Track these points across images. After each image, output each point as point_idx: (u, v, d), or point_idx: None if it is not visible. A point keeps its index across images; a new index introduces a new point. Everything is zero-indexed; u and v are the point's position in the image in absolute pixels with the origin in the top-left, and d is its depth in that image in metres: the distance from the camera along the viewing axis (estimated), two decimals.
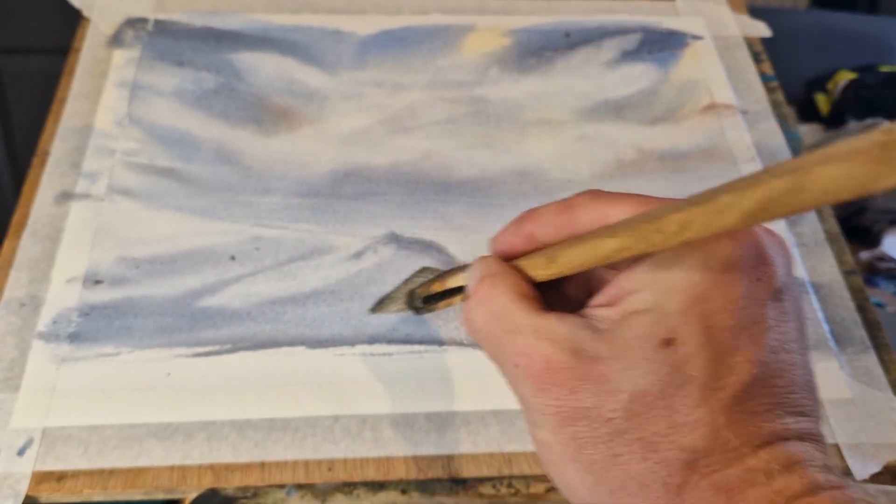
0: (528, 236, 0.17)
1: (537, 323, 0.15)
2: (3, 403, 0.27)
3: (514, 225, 0.17)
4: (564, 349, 0.14)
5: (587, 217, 0.16)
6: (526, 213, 0.17)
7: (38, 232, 0.31)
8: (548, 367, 0.14)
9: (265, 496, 0.26)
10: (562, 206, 0.16)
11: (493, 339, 0.15)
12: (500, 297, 0.15)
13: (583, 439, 0.14)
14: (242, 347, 0.28)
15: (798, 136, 0.38)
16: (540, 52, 0.40)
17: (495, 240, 0.18)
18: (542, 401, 0.14)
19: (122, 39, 0.38)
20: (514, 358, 0.15)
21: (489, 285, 0.16)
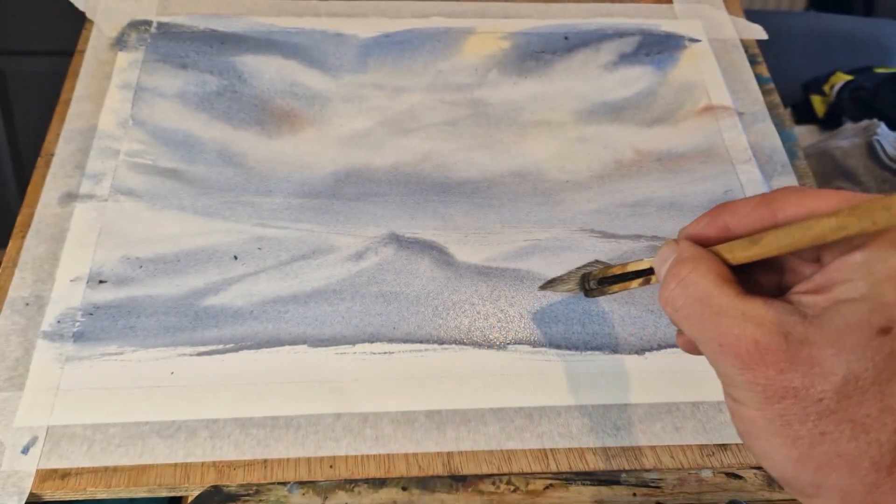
0: (722, 227, 0.17)
1: (743, 306, 0.15)
2: (8, 402, 0.27)
3: (709, 216, 0.18)
4: (773, 332, 0.15)
5: (791, 211, 0.16)
6: (721, 206, 0.18)
7: (43, 232, 0.32)
8: (756, 348, 0.15)
9: (267, 493, 0.26)
10: (762, 199, 0.17)
11: (696, 319, 0.16)
12: (702, 280, 0.16)
13: (790, 416, 0.15)
14: (245, 346, 0.29)
15: (794, 137, 0.38)
16: (539, 55, 0.40)
17: (686, 229, 0.18)
18: (749, 379, 0.15)
19: (125, 42, 0.39)
20: (719, 338, 0.16)
21: (690, 268, 0.16)
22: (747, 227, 0.17)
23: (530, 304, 0.31)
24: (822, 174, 0.56)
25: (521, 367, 0.29)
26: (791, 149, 0.37)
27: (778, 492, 0.27)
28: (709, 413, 0.28)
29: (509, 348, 0.29)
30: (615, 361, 0.29)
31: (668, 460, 0.27)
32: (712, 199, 0.35)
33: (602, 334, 0.30)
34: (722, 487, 0.27)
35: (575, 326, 0.30)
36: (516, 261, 0.32)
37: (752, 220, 0.17)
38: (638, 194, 0.35)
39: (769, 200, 0.16)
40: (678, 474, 0.27)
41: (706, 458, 0.27)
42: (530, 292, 0.31)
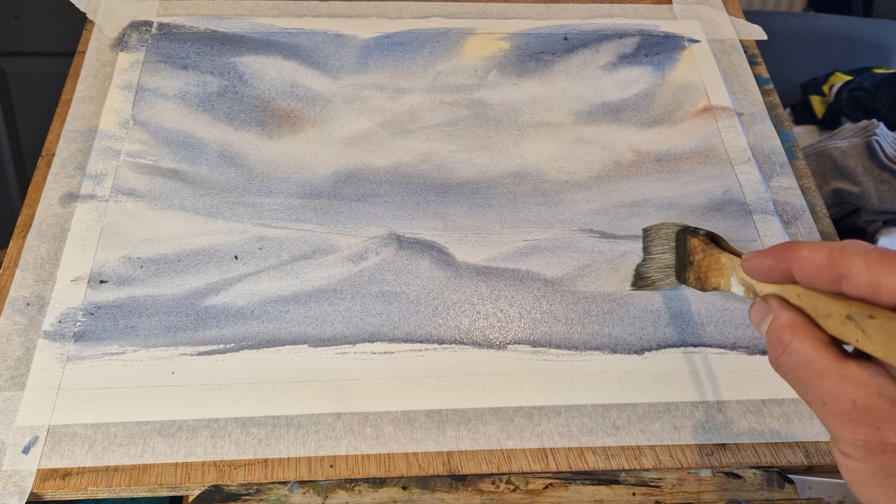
0: (785, 274, 0.19)
1: (840, 368, 0.17)
2: (9, 402, 0.27)
3: (773, 257, 0.19)
4: (868, 393, 0.16)
5: (858, 282, 0.17)
6: (788, 250, 0.19)
7: (44, 232, 0.32)
8: (854, 407, 0.17)
9: (268, 493, 0.26)
10: (829, 261, 0.17)
11: (802, 382, 0.18)
12: (802, 346, 0.18)
13: (890, 468, 0.16)
14: (246, 346, 0.29)
15: (793, 137, 0.38)
16: (538, 56, 0.40)
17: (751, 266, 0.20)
18: (851, 435, 0.17)
19: (126, 43, 0.39)
20: (822, 398, 0.17)
21: (790, 335, 0.18)
22: (812, 284, 0.18)
23: (530, 304, 0.31)
24: (820, 174, 0.56)
25: (521, 366, 0.29)
26: (790, 149, 0.37)
27: (777, 492, 0.27)
28: (708, 413, 0.28)
29: (509, 348, 0.29)
30: (615, 361, 0.29)
31: (668, 460, 0.27)
32: (711, 200, 0.35)
33: (602, 334, 0.30)
34: (721, 487, 0.27)
35: (575, 326, 0.30)
36: (516, 261, 0.32)
37: (818, 279, 0.18)
38: (637, 195, 0.35)
39: (835, 264, 0.17)
40: (677, 474, 0.27)
41: (705, 458, 0.27)
42: (530, 292, 0.31)
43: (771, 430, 0.28)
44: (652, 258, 0.28)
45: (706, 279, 0.24)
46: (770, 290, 0.20)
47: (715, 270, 0.24)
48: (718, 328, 0.30)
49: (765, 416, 0.28)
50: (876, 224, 0.56)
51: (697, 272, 0.25)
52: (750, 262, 0.20)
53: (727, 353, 0.30)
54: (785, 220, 0.34)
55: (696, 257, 0.25)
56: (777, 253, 0.19)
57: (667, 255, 0.27)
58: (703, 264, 0.24)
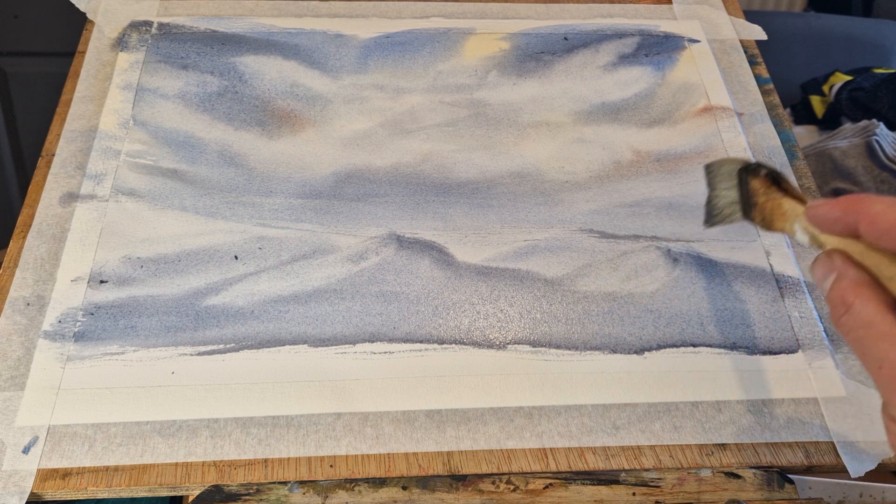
0: (851, 228, 0.18)
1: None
2: (9, 402, 0.27)
3: (842, 208, 0.18)
4: None
5: None
6: (859, 202, 0.18)
7: (44, 232, 0.32)
8: None
9: (268, 493, 0.26)
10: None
11: (860, 343, 0.18)
12: (865, 308, 0.17)
13: None
14: (246, 346, 0.29)
15: (793, 137, 0.38)
16: (538, 56, 0.40)
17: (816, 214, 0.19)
18: None
19: (126, 43, 0.39)
20: (879, 361, 0.17)
21: (854, 294, 0.18)
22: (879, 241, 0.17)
23: (530, 304, 0.31)
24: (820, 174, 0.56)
25: (521, 366, 0.29)
26: (790, 149, 0.37)
27: (777, 491, 0.27)
28: (708, 413, 0.28)
29: (509, 348, 0.29)
30: (615, 361, 0.29)
31: (668, 460, 0.27)
32: None
33: (602, 334, 0.30)
34: (721, 487, 0.27)
35: (575, 326, 0.30)
36: (516, 261, 0.32)
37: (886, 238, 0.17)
38: (637, 195, 0.35)
39: None
40: (677, 474, 0.27)
41: (705, 458, 0.27)
42: (530, 292, 0.31)
43: (771, 430, 0.28)
44: (717, 194, 0.27)
45: (771, 221, 0.23)
46: (834, 242, 0.19)
47: (779, 215, 0.23)
48: (718, 328, 0.30)
49: (765, 416, 0.28)
50: None
51: (762, 213, 0.24)
52: (815, 210, 0.19)
53: (727, 353, 0.30)
54: None
55: (759, 199, 0.24)
56: (847, 204, 0.18)
57: (732, 192, 0.26)
58: (767, 207, 0.23)
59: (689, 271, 0.32)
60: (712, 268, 0.32)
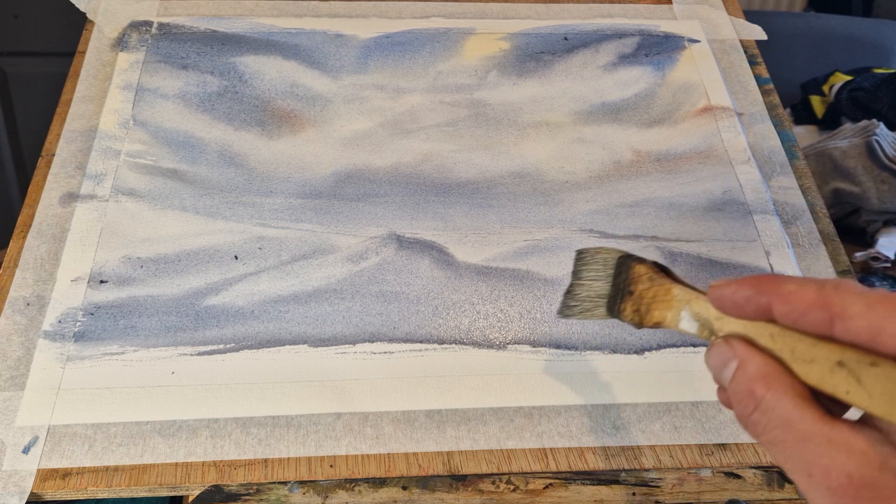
0: (762, 310, 0.16)
1: (829, 432, 0.14)
2: (9, 402, 0.27)
3: (750, 290, 0.16)
4: (866, 464, 0.14)
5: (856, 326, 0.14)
6: (768, 284, 0.15)
7: (44, 232, 0.32)
8: (850, 481, 0.14)
9: (268, 493, 0.26)
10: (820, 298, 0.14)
11: (780, 446, 0.15)
12: (779, 403, 0.15)
13: None
14: (246, 346, 0.29)
15: (793, 137, 0.38)
16: (538, 56, 0.40)
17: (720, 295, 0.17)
18: None
19: (126, 43, 0.39)
20: (807, 468, 0.14)
21: (764, 388, 0.15)
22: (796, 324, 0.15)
23: (530, 304, 0.31)
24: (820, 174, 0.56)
25: (521, 366, 0.29)
26: (790, 149, 0.37)
27: (778, 491, 0.27)
28: (708, 413, 0.28)
29: (509, 348, 0.29)
30: (615, 361, 0.29)
31: (668, 460, 0.27)
32: (711, 200, 0.35)
33: (602, 334, 0.30)
34: (721, 487, 0.27)
35: (575, 326, 0.30)
36: (516, 261, 0.32)
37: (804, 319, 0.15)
38: (637, 195, 0.35)
39: (828, 303, 0.14)
40: (677, 474, 0.27)
41: (705, 458, 0.27)
42: (530, 292, 0.31)
43: None
44: (581, 284, 0.24)
45: (647, 312, 0.21)
46: (734, 327, 0.17)
47: (662, 303, 0.20)
48: None
49: None
50: (876, 224, 0.56)
51: (638, 304, 0.21)
52: (721, 290, 0.16)
53: None
54: (785, 220, 0.34)
55: (640, 286, 0.21)
56: (758, 284, 0.16)
57: (600, 283, 0.23)
58: (648, 294, 0.21)
59: (689, 271, 0.32)
60: (712, 268, 0.32)
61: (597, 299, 0.23)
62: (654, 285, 0.21)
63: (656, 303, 0.21)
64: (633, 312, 0.22)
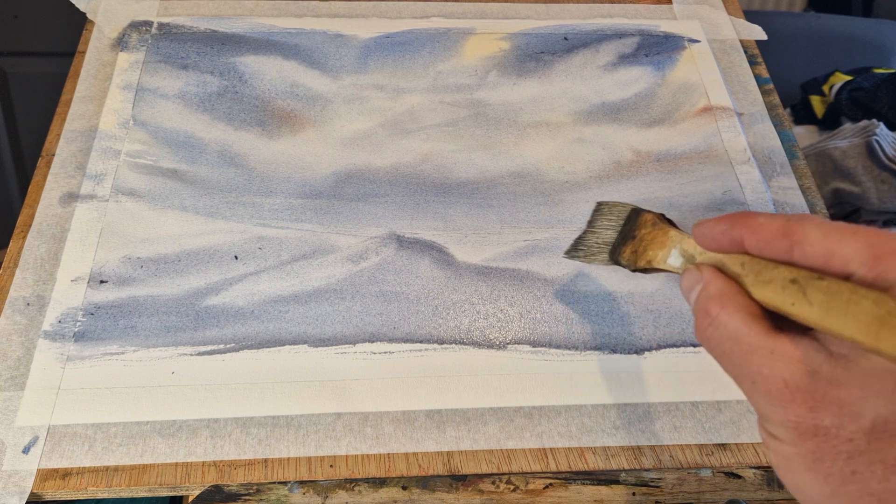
0: (736, 242, 0.17)
1: (772, 344, 0.16)
2: (9, 402, 0.27)
3: (726, 224, 0.18)
4: (800, 371, 0.15)
5: (812, 250, 0.16)
6: (741, 217, 0.17)
7: (44, 232, 0.32)
8: (786, 386, 0.15)
9: (268, 493, 0.26)
10: (783, 228, 0.16)
11: (729, 357, 0.17)
12: (731, 319, 0.16)
13: (821, 453, 0.15)
14: (246, 346, 0.29)
15: (793, 137, 0.38)
16: (538, 56, 0.40)
17: (702, 231, 0.18)
18: (782, 416, 0.15)
19: (126, 43, 0.39)
20: (751, 377, 0.16)
21: (718, 307, 0.17)
22: (762, 252, 0.17)
23: (530, 304, 0.31)
24: (820, 174, 0.56)
25: (521, 366, 0.29)
26: (790, 149, 0.37)
27: (777, 492, 0.27)
28: (708, 413, 0.28)
29: (509, 348, 0.29)
30: (615, 361, 0.29)
31: (668, 460, 0.27)
32: (711, 200, 0.35)
33: (602, 334, 0.30)
34: (721, 487, 0.27)
35: (575, 326, 0.30)
36: (516, 261, 0.32)
37: (769, 247, 0.17)
38: (637, 195, 0.35)
39: (790, 231, 0.16)
40: (677, 474, 0.27)
41: (705, 458, 0.27)
42: (530, 292, 0.31)
43: None
44: (594, 231, 0.27)
45: (642, 253, 0.23)
46: (711, 258, 0.19)
47: (657, 243, 0.23)
48: None
49: None
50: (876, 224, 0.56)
51: (637, 246, 0.24)
52: (702, 226, 0.19)
53: None
54: None
55: (643, 230, 0.24)
56: (732, 219, 0.18)
57: (609, 232, 0.26)
58: (648, 237, 0.24)
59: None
60: None
61: (603, 245, 0.26)
62: (656, 229, 0.23)
63: (653, 244, 0.23)
64: (630, 254, 0.24)
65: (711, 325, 0.17)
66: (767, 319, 0.16)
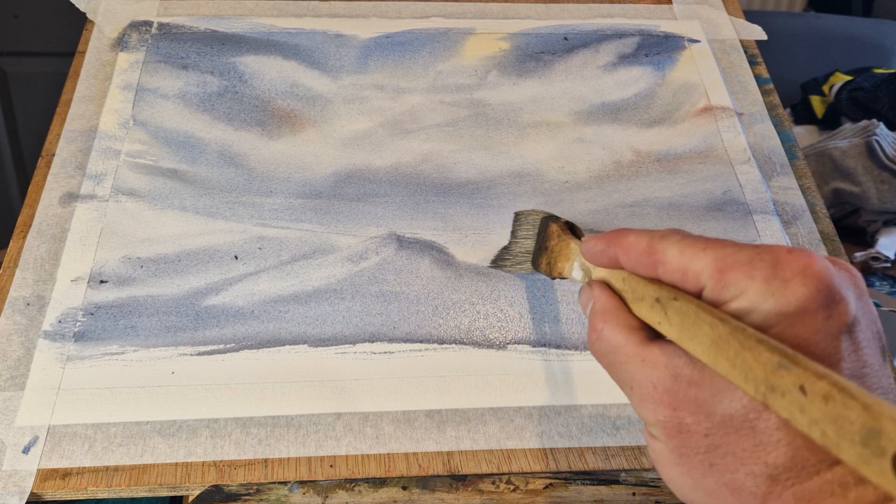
0: (613, 259, 0.19)
1: (644, 353, 0.18)
2: (9, 402, 0.27)
3: (605, 243, 0.20)
4: (665, 375, 0.17)
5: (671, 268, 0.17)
6: (615, 237, 0.19)
7: (44, 232, 0.32)
8: (654, 389, 0.17)
9: (268, 493, 0.26)
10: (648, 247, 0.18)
11: (612, 366, 0.19)
12: (612, 333, 0.19)
13: (685, 449, 0.17)
14: (246, 346, 0.29)
15: (793, 137, 0.38)
16: (538, 56, 0.40)
17: (586, 248, 0.21)
18: (653, 416, 0.17)
19: (126, 43, 0.39)
20: (629, 382, 0.18)
21: (602, 322, 0.19)
22: (635, 269, 0.19)
23: (530, 304, 0.31)
24: (820, 174, 0.56)
25: (521, 366, 0.29)
26: (790, 149, 0.37)
27: None
28: None
29: (509, 348, 0.29)
30: None
31: None
32: (711, 200, 0.35)
33: None
34: None
35: (575, 326, 0.30)
36: None
37: (639, 266, 0.18)
38: (637, 195, 0.35)
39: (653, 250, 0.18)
40: None
41: None
42: (530, 292, 0.31)
43: None
44: (516, 241, 0.29)
45: (554, 264, 0.25)
46: (602, 274, 0.20)
47: (563, 256, 0.24)
48: None
49: None
50: (876, 224, 0.56)
51: (549, 257, 0.25)
52: (585, 244, 0.21)
53: None
54: (785, 220, 0.34)
55: (551, 242, 0.25)
56: (607, 238, 0.19)
57: (529, 241, 0.28)
58: (556, 249, 0.25)
59: None
60: None
61: (525, 255, 0.28)
62: (560, 241, 0.25)
63: (561, 256, 0.24)
64: (546, 265, 0.25)
65: (598, 339, 0.19)
66: (644, 331, 0.18)
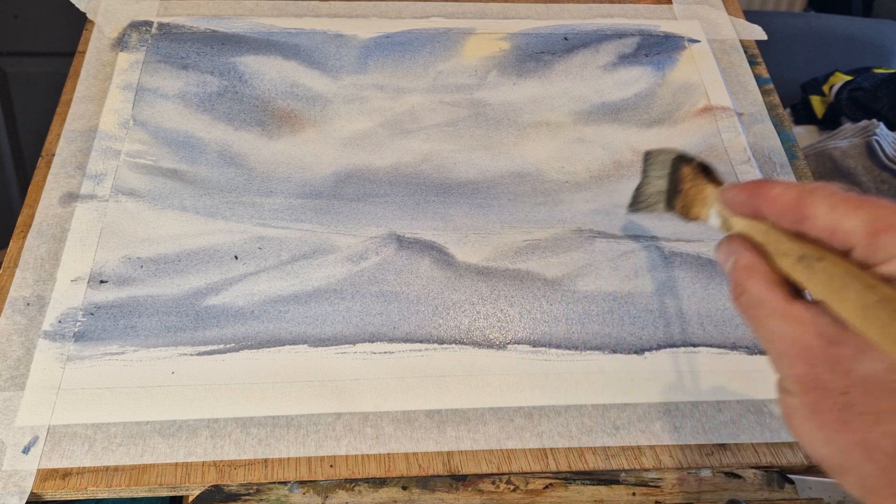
0: (756, 211, 0.19)
1: (788, 309, 0.18)
2: (9, 402, 0.27)
3: (748, 194, 0.19)
4: (808, 332, 0.17)
5: (819, 224, 0.17)
6: (760, 188, 0.19)
7: (44, 232, 0.32)
8: (794, 345, 0.17)
9: (268, 493, 0.26)
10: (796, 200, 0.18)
11: (754, 320, 0.19)
12: (756, 288, 0.19)
13: (819, 405, 0.17)
14: (246, 346, 0.29)
15: (793, 137, 0.38)
16: (538, 56, 0.40)
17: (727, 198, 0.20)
18: (790, 372, 0.18)
19: (126, 43, 0.39)
20: (770, 336, 0.18)
21: (746, 277, 0.19)
22: (779, 222, 0.19)
23: (530, 304, 0.31)
24: (820, 174, 0.56)
25: (521, 366, 0.29)
26: (790, 149, 0.37)
27: (777, 491, 0.27)
28: (708, 413, 0.28)
29: (509, 348, 0.29)
30: (615, 361, 0.29)
31: (668, 460, 0.27)
32: None
33: (602, 334, 0.30)
34: (721, 487, 0.27)
35: (575, 326, 0.30)
36: (516, 261, 0.32)
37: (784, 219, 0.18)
38: None
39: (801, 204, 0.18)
40: (677, 474, 0.27)
41: (705, 458, 0.27)
42: (530, 292, 0.31)
43: (771, 430, 0.28)
44: (648, 181, 0.28)
45: (691, 208, 0.25)
46: (742, 224, 0.20)
47: (699, 200, 0.24)
48: (718, 328, 0.30)
49: (765, 416, 0.28)
50: None
51: (684, 200, 0.25)
52: (726, 193, 0.20)
53: (727, 353, 0.30)
54: None
55: (685, 185, 0.25)
56: (751, 188, 0.19)
57: (661, 181, 0.28)
58: (690, 193, 0.25)
59: (689, 271, 0.32)
60: (712, 268, 0.32)
61: (658, 195, 0.27)
62: (695, 185, 0.24)
63: (696, 200, 0.24)
64: (681, 208, 0.25)
65: (742, 294, 0.19)
66: (787, 286, 0.18)
